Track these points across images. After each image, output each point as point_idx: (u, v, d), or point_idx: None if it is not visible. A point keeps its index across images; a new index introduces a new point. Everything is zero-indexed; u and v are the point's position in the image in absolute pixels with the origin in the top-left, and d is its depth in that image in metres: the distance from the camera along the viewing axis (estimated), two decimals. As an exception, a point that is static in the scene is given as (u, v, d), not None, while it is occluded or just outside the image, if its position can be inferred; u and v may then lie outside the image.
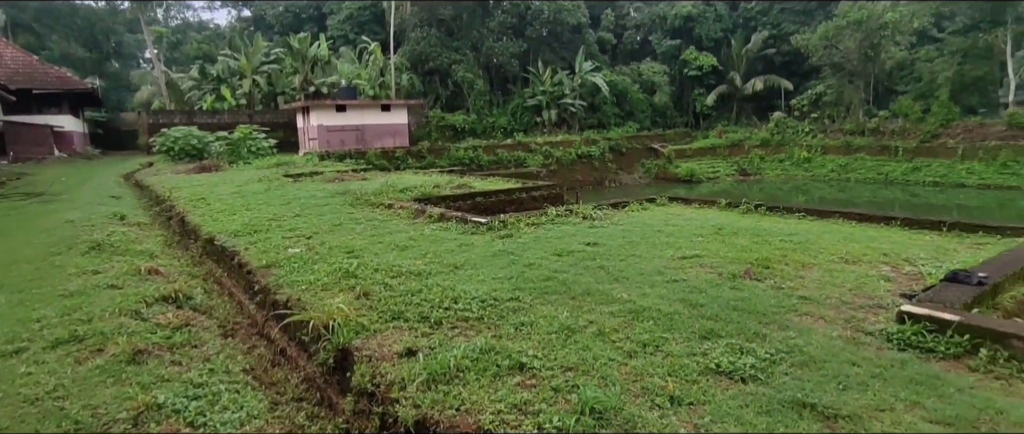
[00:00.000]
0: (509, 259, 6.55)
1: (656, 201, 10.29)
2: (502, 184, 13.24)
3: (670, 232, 7.63)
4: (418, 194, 11.38)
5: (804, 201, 31.53)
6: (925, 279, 5.20)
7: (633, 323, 4.49)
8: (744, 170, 37.58)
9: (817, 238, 7.05)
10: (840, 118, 37.13)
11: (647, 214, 9.27)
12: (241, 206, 11.41)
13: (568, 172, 35.38)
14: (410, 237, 7.94)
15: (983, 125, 32.13)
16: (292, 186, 14.36)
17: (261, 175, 17.84)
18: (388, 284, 5.72)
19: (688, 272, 5.76)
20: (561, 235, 7.69)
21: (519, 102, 39.38)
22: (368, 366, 4.06)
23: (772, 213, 8.90)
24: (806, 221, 8.39)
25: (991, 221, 7.28)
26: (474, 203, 11.65)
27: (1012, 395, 3.32)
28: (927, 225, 7.41)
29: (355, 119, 31.52)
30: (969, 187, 29.99)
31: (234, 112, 33.84)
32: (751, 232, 7.46)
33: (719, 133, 41.00)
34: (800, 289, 5.17)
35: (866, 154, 34.58)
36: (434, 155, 32.01)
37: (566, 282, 5.56)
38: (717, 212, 9.31)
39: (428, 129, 37.26)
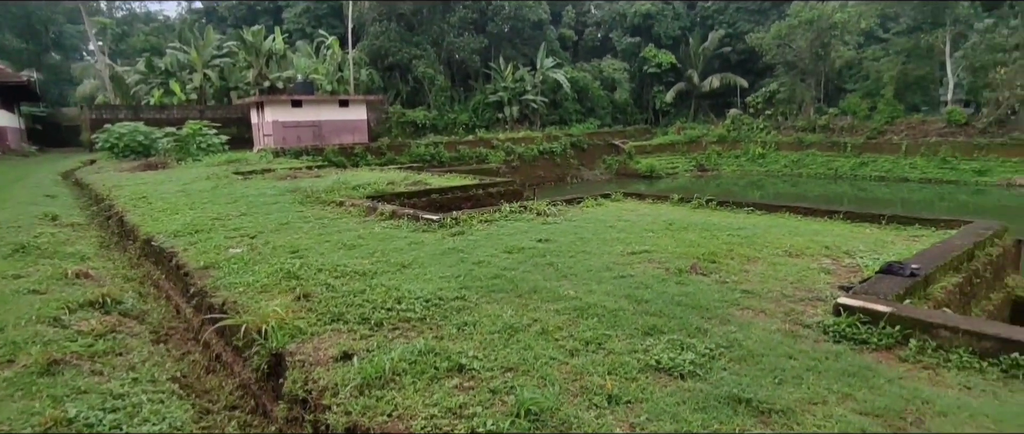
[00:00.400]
0: (458, 257, 6.43)
1: (611, 197, 10.32)
2: (459, 180, 13.09)
3: (622, 228, 7.64)
4: (372, 191, 11.13)
5: (759, 196, 32.36)
6: (863, 271, 5.32)
7: (578, 321, 4.43)
8: (702, 166, 38.34)
9: (764, 232, 7.17)
10: (793, 115, 38.25)
11: (601, 210, 9.28)
12: (185, 205, 10.94)
13: (530, 168, 35.39)
14: (359, 236, 7.73)
15: (925, 122, 33.58)
16: (241, 184, 13.87)
17: (210, 173, 17.19)
18: (331, 285, 5.53)
19: (636, 268, 5.76)
20: (513, 232, 7.61)
21: (481, 98, 39.18)
22: (301, 372, 3.89)
23: (723, 208, 9.04)
24: (755, 215, 8.53)
25: (926, 214, 7.54)
26: (429, 200, 11.47)
27: (938, 384, 3.39)
28: (868, 219, 7.63)
29: (312, 115, 30.77)
30: (912, 181, 31.34)
31: (184, 107, 32.60)
32: (701, 227, 7.53)
33: (678, 129, 41.70)
34: (744, 283, 5.22)
35: (817, 150, 35.73)
36: (394, 151, 31.53)
37: (514, 280, 5.48)
38: (670, 207, 9.40)
39: (388, 125, 36.69)
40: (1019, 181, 28.56)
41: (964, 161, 30.67)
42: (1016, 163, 29.30)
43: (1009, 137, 30.04)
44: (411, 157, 31.61)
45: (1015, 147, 29.68)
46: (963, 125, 31.78)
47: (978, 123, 31.43)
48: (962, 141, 31.22)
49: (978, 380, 3.41)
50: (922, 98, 37.64)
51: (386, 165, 30.46)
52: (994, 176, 29.34)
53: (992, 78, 31.11)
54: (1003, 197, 27.44)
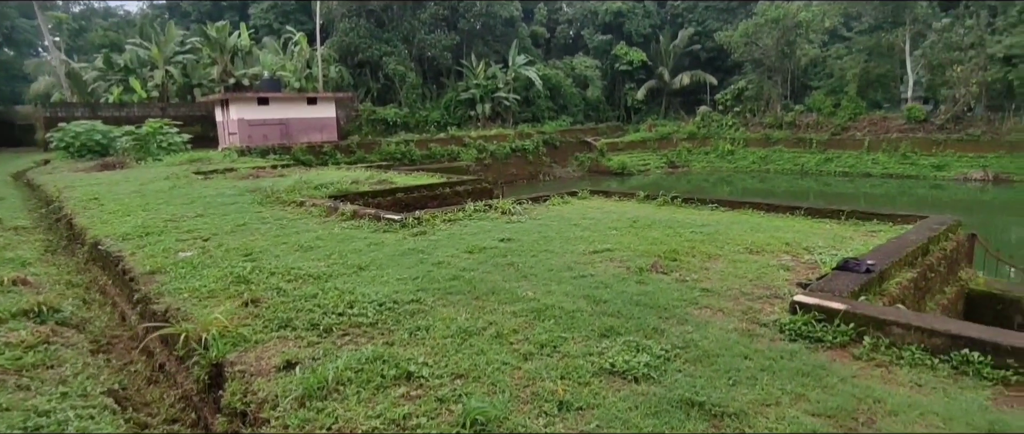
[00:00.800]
0: (418, 258, 6.26)
1: (578, 195, 10.26)
2: (426, 179, 12.88)
3: (586, 226, 7.56)
4: (334, 191, 10.85)
5: (728, 192, 32.80)
6: (821, 268, 5.32)
7: (534, 323, 4.32)
8: (673, 162, 38.72)
9: (726, 229, 7.16)
10: (760, 112, 38.88)
11: (567, 208, 9.20)
12: (138, 206, 10.51)
13: (502, 166, 35.26)
14: (317, 237, 7.49)
15: (886, 119, 34.47)
16: (200, 184, 13.42)
17: (169, 172, 16.62)
18: (282, 289, 5.31)
19: (597, 267, 5.67)
20: (476, 231, 7.46)
21: (452, 96, 38.88)
22: (241, 383, 3.69)
23: (687, 205, 9.04)
24: (718, 212, 8.55)
25: (884, 210, 7.64)
26: (395, 199, 11.24)
27: (890, 382, 3.37)
28: (828, 214, 7.70)
29: (279, 113, 30.10)
30: (874, 176, 32.14)
31: (145, 105, 31.58)
32: (664, 224, 7.50)
33: (649, 127, 42.04)
34: (703, 281, 5.17)
35: (784, 146, 36.39)
36: (364, 150, 31.06)
37: (472, 281, 5.34)
38: (635, 205, 9.36)
39: (358, 123, 36.15)
40: (974, 175, 29.52)
41: (923, 157, 31.58)
42: (971, 158, 30.28)
43: (965, 133, 31.01)
44: (381, 155, 31.19)
45: (970, 143, 30.66)
46: (922, 121, 32.70)
47: (936, 119, 32.37)
48: (921, 137, 32.12)
49: (929, 377, 3.40)
50: (883, 95, 38.65)
51: (355, 163, 29.99)
52: (951, 171, 30.28)
53: (949, 76, 32.09)
54: (959, 191, 28.34)
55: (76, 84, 33.17)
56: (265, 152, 27.07)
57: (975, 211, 25.49)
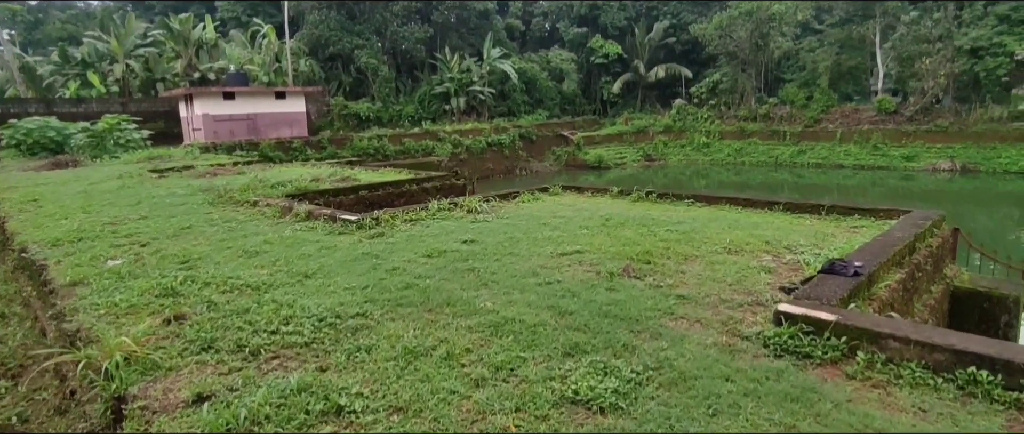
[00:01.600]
0: (371, 263, 5.71)
1: (549, 190, 9.77)
2: (392, 175, 12.27)
3: (556, 225, 7.08)
4: (292, 189, 10.20)
5: (704, 184, 32.74)
6: (804, 269, 4.91)
7: (491, 340, 3.81)
8: (649, 156, 38.55)
9: (703, 227, 6.75)
10: (735, 105, 38.89)
11: (537, 205, 8.70)
12: (79, 208, 9.73)
13: (478, 161, 34.68)
14: (266, 241, 6.88)
15: (857, 110, 34.71)
16: (152, 183, 12.61)
17: (124, 171, 15.71)
18: (213, 303, 4.72)
19: (565, 271, 5.19)
20: (439, 232, 6.93)
21: (427, 89, 38.09)
22: (141, 422, 3.12)
23: (662, 200, 8.62)
24: (695, 208, 8.14)
25: (865, 204, 7.31)
26: (358, 198, 10.63)
27: (890, 407, 2.94)
28: (807, 209, 7.34)
29: (246, 107, 29.04)
30: (847, 167, 32.34)
31: (104, 101, 30.19)
32: (638, 222, 7.05)
33: (625, 120, 41.79)
34: (679, 286, 4.72)
35: (758, 139, 36.45)
36: (336, 145, 30.20)
37: (427, 290, 4.82)
38: (609, 200, 8.92)
39: (330, 118, 35.17)
40: (943, 166, 29.85)
41: (894, 148, 31.84)
42: (940, 149, 30.61)
43: (934, 124, 31.34)
44: (354, 151, 30.35)
45: (939, 134, 30.99)
46: (892, 113, 32.97)
47: (906, 111, 32.66)
48: (892, 128, 32.39)
49: (933, 400, 2.98)
50: (854, 87, 38.94)
51: (326, 159, 29.11)
52: (921, 162, 30.58)
53: (918, 68, 32.37)
54: (928, 182, 28.63)
55: (30, 79, 31.60)
56: (231, 148, 26.08)
57: (943, 201, 25.79)
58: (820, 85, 35.95)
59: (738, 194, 8.66)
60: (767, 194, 32.15)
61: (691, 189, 33.96)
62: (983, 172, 28.72)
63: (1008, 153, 28.74)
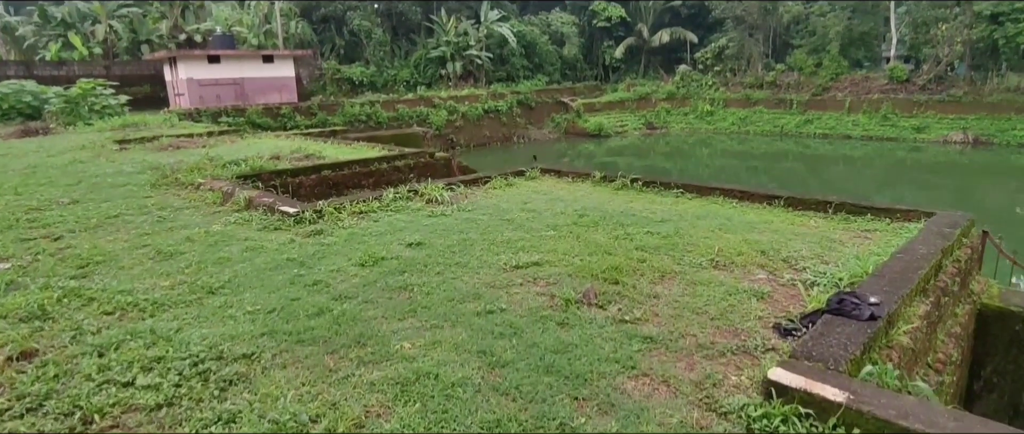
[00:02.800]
0: (292, 275, 4.78)
1: (526, 174, 8.73)
2: (362, 152, 11.23)
3: (521, 222, 6.09)
4: (247, 169, 9.21)
5: (706, 154, 31.48)
6: (806, 300, 3.94)
7: (392, 408, 2.90)
8: (651, 123, 37.16)
9: (689, 228, 5.75)
10: (741, 71, 37.21)
11: (508, 193, 7.70)
12: (12, 189, 8.79)
13: (474, 128, 33.46)
14: (189, 237, 5.95)
15: (868, 78, 33.06)
16: (108, 158, 11.63)
17: (90, 141, 14.72)
18: (80, 332, 3.83)
19: (514, 294, 4.24)
20: (385, 230, 5.97)
21: (422, 53, 36.51)
22: None
23: (649, 189, 7.58)
24: (683, 200, 7.11)
25: (879, 202, 6.27)
26: (320, 178, 9.65)
27: None
28: (812, 206, 6.31)
29: (232, 72, 27.77)
30: (854, 138, 30.97)
31: (87, 64, 28.95)
32: (615, 220, 6.06)
33: (627, 86, 40.20)
34: (649, 320, 3.77)
35: (764, 107, 34.96)
36: (326, 112, 28.98)
37: (341, 319, 3.89)
38: (589, 188, 7.89)
39: (322, 83, 33.85)
40: (955, 138, 28.47)
41: (904, 118, 30.39)
42: (952, 120, 29.16)
43: (947, 94, 29.79)
44: (345, 117, 29.16)
45: (952, 104, 29.49)
46: (904, 82, 31.36)
47: (918, 80, 31.04)
48: (903, 98, 30.85)
49: None
50: (865, 54, 37.12)
51: (316, 126, 28.00)
52: (932, 133, 29.18)
53: (933, 34, 30.59)
54: (939, 154, 27.33)
55: (11, 40, 30.27)
56: (217, 114, 24.96)
57: (953, 173, 24.64)
58: (830, 51, 34.17)
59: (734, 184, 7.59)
60: (769, 189, 31.10)
61: (693, 158, 32.70)
62: (997, 145, 27.35)
63: (1023, 125, 27.30)
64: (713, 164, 29.53)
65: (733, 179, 26.42)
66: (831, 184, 24.14)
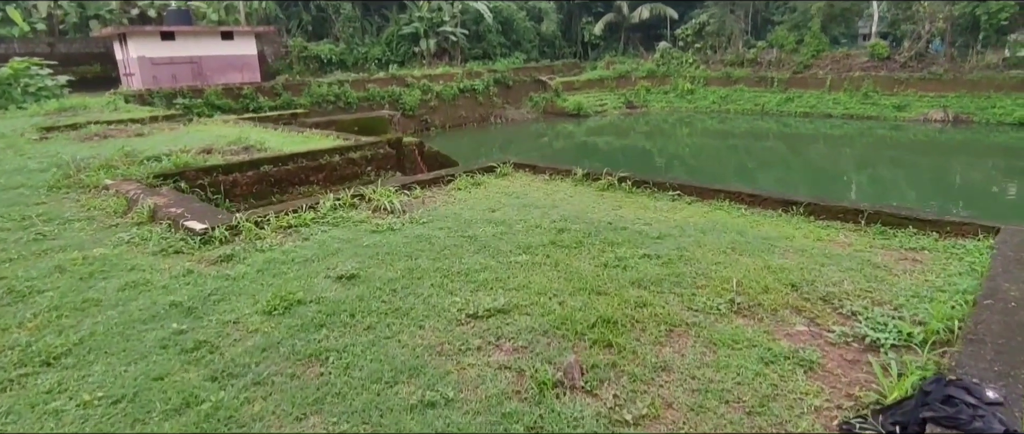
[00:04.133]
0: (172, 331, 3.47)
1: (496, 170, 7.41)
2: (314, 141, 9.77)
3: (486, 241, 4.82)
4: (169, 166, 7.74)
5: (687, 133, 30.39)
6: (877, 377, 2.76)
7: None
8: (631, 102, 35.90)
9: (694, 247, 4.55)
10: (722, 48, 36.04)
11: (475, 196, 6.40)
12: None
13: (450, 109, 31.84)
14: (59, 266, 4.57)
15: (848, 56, 32.17)
16: (16, 152, 9.99)
17: (13, 128, 12.96)
18: None
19: (469, 367, 2.99)
20: (315, 254, 4.65)
21: (394, 30, 34.52)
22: None
23: (640, 190, 6.34)
24: (683, 205, 5.89)
25: (923, 212, 5.11)
26: (259, 175, 8.22)
27: None
28: (838, 214, 5.14)
29: (189, 50, 25.68)
30: (835, 117, 30.16)
31: (29, 41, 26.53)
32: (603, 237, 4.82)
33: (607, 64, 38.77)
34: (659, 417, 2.57)
35: (745, 85, 33.93)
36: (292, 92, 27.09)
37: (210, 419, 2.61)
38: (570, 188, 6.63)
39: (288, 61, 31.81)
40: (935, 116, 27.81)
41: (884, 96, 29.63)
42: (932, 98, 28.48)
43: (928, 72, 29.04)
44: (312, 98, 27.31)
45: (932, 82, 28.77)
46: (885, 59, 30.53)
47: (899, 57, 30.24)
48: (884, 76, 30.04)
49: None
50: (844, 31, 36.18)
51: (280, 108, 26.16)
52: (912, 112, 28.48)
53: (915, 10, 29.70)
54: (919, 133, 26.68)
55: (-56, 15, 27.50)
56: (171, 96, 23.05)
57: (933, 152, 24.05)
58: (811, 28, 33.15)
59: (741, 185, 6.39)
60: (784, 193, 30.04)
61: (674, 138, 31.60)
62: (976, 123, 26.74)
63: (1003, 103, 26.70)
64: (694, 143, 28.58)
65: (714, 159, 25.51)
66: (812, 163, 23.39)
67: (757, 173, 22.16)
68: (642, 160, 25.01)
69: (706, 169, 23.63)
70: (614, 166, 6.62)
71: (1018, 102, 26.46)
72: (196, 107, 24.05)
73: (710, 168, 23.73)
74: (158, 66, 24.64)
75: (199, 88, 24.45)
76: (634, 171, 6.68)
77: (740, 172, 22.57)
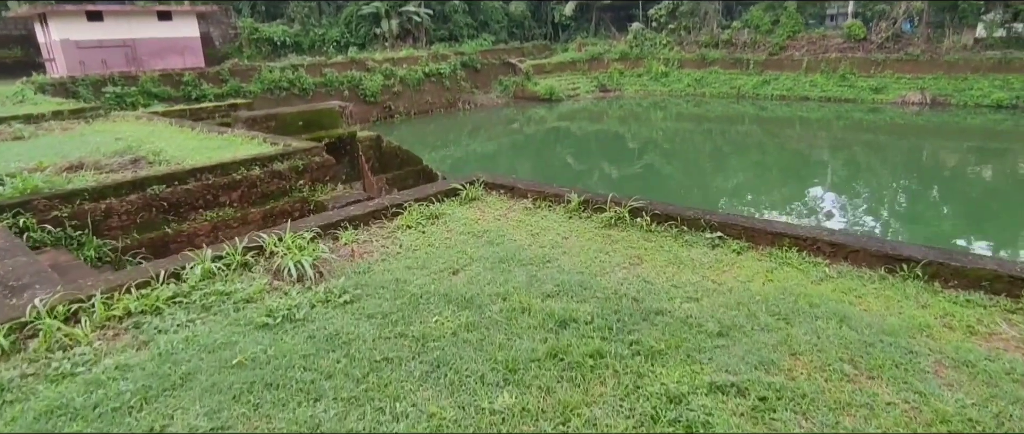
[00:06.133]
0: None
1: (461, 193, 5.39)
2: (234, 148, 7.55)
3: (442, 347, 2.85)
4: (12, 192, 5.50)
5: (661, 118, 28.72)
6: None
7: None
8: (604, 86, 34.03)
9: (785, 360, 2.67)
10: (696, 29, 34.32)
11: (430, 239, 4.39)
12: None
13: (415, 94, 29.42)
14: None
15: (825, 37, 30.87)
16: None
17: None
18: None
19: None
20: (140, 390, 2.61)
21: (354, 10, 31.67)
22: None
23: (662, 229, 4.42)
24: (728, 255, 3.99)
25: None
26: (145, 200, 6.04)
27: None
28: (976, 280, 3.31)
29: (120, 32, 22.63)
30: (812, 100, 28.89)
31: (-67, 22, 22.98)
32: (634, 338, 2.89)
33: (578, 46, 36.70)
34: None
35: (720, 67, 32.38)
36: (240, 78, 24.34)
37: None
38: (563, 222, 4.68)
39: (238, 44, 28.81)
40: (912, 99, 26.74)
41: (862, 78, 28.45)
42: (910, 80, 27.39)
43: (904, 53, 27.93)
44: (263, 84, 24.61)
45: (909, 63, 27.68)
46: (862, 40, 29.30)
47: (875, 38, 29.04)
48: (860, 57, 28.83)
49: None
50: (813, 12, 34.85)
51: (228, 96, 23.42)
52: (890, 94, 27.36)
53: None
54: (897, 115, 25.60)
55: None
56: (100, 84, 20.15)
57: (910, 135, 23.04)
58: (787, 8, 31.68)
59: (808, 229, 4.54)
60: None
61: (648, 123, 29.80)
62: (954, 105, 25.76)
63: (980, 84, 25.77)
64: (669, 128, 27.02)
65: (688, 144, 23.98)
66: (787, 147, 22.16)
67: (733, 158, 20.81)
68: (617, 146, 23.33)
69: (683, 154, 22.14)
70: (588, 151, 4.70)
71: (995, 83, 25.56)
72: (130, 96, 21.20)
73: (687, 153, 22.22)
74: (85, 50, 21.58)
75: (133, 75, 21.54)
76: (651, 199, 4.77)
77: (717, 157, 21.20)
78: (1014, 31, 26.56)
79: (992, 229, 12.69)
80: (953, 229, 12.74)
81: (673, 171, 19.79)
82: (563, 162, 21.00)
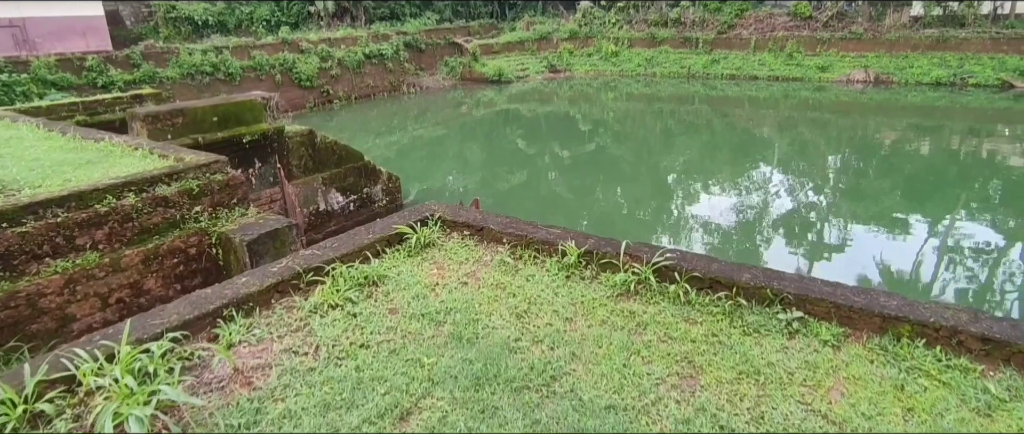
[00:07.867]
0: None
1: (410, 240, 3.82)
2: (108, 163, 5.61)
3: None
4: None
5: (612, 98, 27.59)
6: None
7: None
8: (554, 66, 32.55)
9: None
10: (645, 8, 33.25)
11: (361, 337, 2.82)
12: None
13: (355, 78, 26.98)
14: None
15: (772, 16, 30.45)
16: None
17: None
18: None
19: None
20: None
21: (285, -15, 28.65)
22: None
23: (702, 298, 3.03)
24: (820, 352, 2.60)
25: None
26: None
27: None
28: None
29: (6, 9, 19.16)
30: (761, 79, 28.49)
31: None
32: None
33: (526, 25, 34.96)
34: None
35: (669, 47, 31.52)
36: (154, 62, 21.32)
37: None
38: (561, 293, 3.20)
39: (153, 23, 25.38)
40: (857, 77, 26.72)
41: (808, 57, 28.25)
42: (854, 58, 27.37)
43: (848, 31, 27.84)
44: (182, 69, 21.67)
45: (853, 41, 27.64)
46: (807, 18, 29.04)
47: (820, 16, 28.83)
48: (807, 35, 28.58)
49: None
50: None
51: (141, 82, 20.47)
52: (835, 72, 27.25)
53: (834, -34, 28.16)
54: (842, 93, 25.50)
55: None
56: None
57: (853, 112, 22.93)
58: (734, -15, 31.02)
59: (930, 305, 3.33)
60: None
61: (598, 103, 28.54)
62: (896, 83, 25.89)
63: (920, 62, 25.99)
64: (619, 108, 25.96)
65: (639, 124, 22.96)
66: (736, 126, 21.59)
67: (683, 138, 20.03)
68: (568, 128, 22.03)
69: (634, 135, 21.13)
70: (539, 134, 3.26)
71: (933, 61, 25.80)
72: (19, 85, 18.01)
73: (639, 134, 21.21)
74: (-44, 32, 18.09)
75: (24, 60, 18.31)
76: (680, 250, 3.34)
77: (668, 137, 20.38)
78: (949, 9, 26.88)
79: (931, 206, 12.56)
80: (895, 205, 12.42)
81: (624, 152, 18.69)
82: (513, 145, 19.52)
